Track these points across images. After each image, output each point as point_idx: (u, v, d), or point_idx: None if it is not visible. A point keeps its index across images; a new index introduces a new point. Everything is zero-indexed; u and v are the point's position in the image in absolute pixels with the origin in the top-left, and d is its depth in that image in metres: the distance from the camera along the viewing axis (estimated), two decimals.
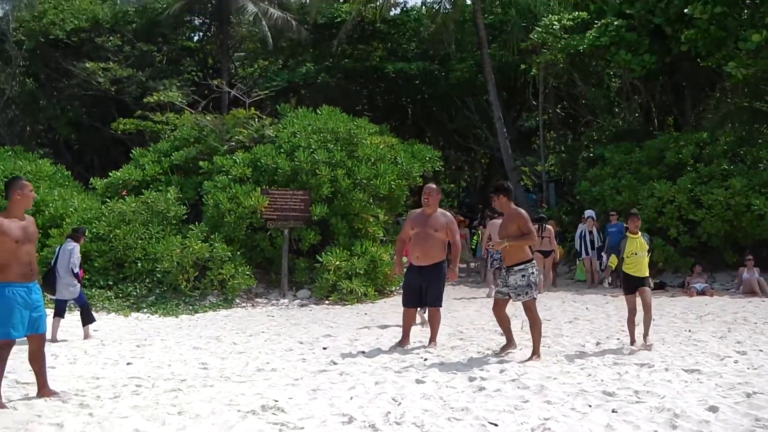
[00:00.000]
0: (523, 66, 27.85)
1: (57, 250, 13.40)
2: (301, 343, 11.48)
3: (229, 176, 19.21)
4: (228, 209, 18.22)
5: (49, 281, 12.77)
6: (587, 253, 20.63)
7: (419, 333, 11.42)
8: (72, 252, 12.91)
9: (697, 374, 8.18)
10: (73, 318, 13.71)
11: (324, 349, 10.77)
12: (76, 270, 12.93)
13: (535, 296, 9.67)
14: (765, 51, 19.05)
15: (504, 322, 10.01)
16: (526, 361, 9.35)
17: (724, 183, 19.37)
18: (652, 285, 10.85)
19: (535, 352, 9.51)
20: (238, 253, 18.07)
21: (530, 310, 9.60)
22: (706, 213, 19.17)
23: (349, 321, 14.42)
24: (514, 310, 9.72)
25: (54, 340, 12.04)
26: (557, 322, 13.29)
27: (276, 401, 7.17)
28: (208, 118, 22.66)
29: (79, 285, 13.01)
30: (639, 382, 7.91)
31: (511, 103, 33.70)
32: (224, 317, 15.65)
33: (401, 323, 11.03)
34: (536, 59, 25.52)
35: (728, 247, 19.65)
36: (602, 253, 20.38)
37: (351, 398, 7.40)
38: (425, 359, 9.55)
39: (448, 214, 11.06)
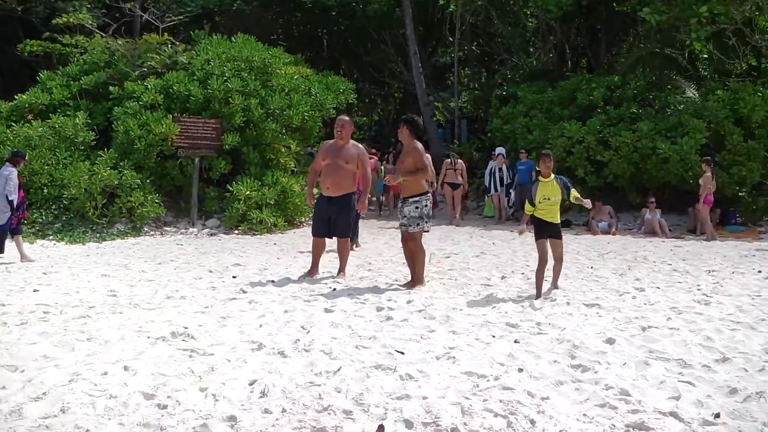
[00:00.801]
0: (441, 1, 27.87)
1: None
2: (210, 271, 11.56)
3: (140, 102, 18.92)
4: (138, 136, 17.98)
5: None
6: (496, 190, 21.01)
7: (329, 263, 11.58)
8: (8, 177, 12.69)
9: (597, 308, 8.53)
10: None
11: (233, 278, 10.87)
12: (12, 197, 12.68)
13: (426, 228, 9.98)
14: None
15: (410, 256, 10.23)
16: (410, 287, 9.77)
17: (632, 126, 19.86)
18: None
19: (419, 281, 9.93)
20: (148, 180, 17.93)
21: (416, 240, 9.93)
22: (614, 154, 19.69)
23: (258, 251, 14.51)
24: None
25: None
26: (465, 255, 13.64)
27: (186, 328, 7.28)
28: (120, 42, 22.10)
29: (8, 213, 12.70)
30: (541, 314, 8.23)
31: (428, 38, 33.69)
32: (132, 245, 15.55)
33: (311, 252, 11.18)
34: None
35: (633, 188, 20.26)
36: (510, 190, 20.83)
37: (260, 326, 7.55)
38: (334, 289, 9.76)
39: (360, 146, 11.14)
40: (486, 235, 17.61)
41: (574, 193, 9.77)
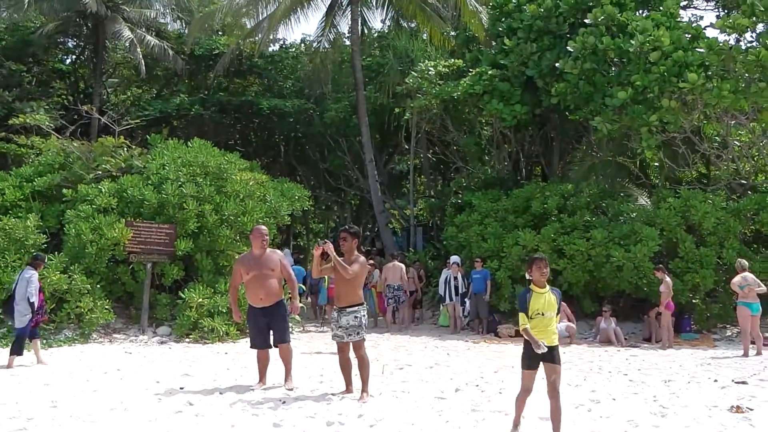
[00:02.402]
0: (397, 110, 28.29)
1: (17, 277, 13.42)
2: (158, 382, 11.24)
3: (94, 206, 18.70)
4: (90, 240, 17.71)
5: (8, 309, 13.11)
6: (451, 299, 20.84)
7: (278, 373, 11.33)
8: (29, 280, 12.94)
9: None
10: None
11: (181, 389, 10.57)
12: (33, 299, 12.90)
13: (364, 337, 9.98)
14: (629, 108, 19.85)
15: (347, 367, 10.27)
16: (359, 399, 9.64)
17: (586, 234, 19.95)
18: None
19: (365, 390, 9.87)
20: (98, 286, 17.60)
21: (360, 349, 9.93)
22: (568, 263, 19.73)
23: (208, 360, 14.18)
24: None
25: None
26: (418, 366, 13.41)
27: None
28: (75, 144, 22.07)
29: (29, 315, 12.89)
30: (496, 429, 8.09)
31: (384, 145, 34.09)
32: (80, 352, 15.13)
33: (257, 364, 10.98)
34: (410, 104, 25.90)
35: (587, 296, 20.26)
36: (465, 299, 20.75)
37: None
38: (283, 401, 9.51)
39: (279, 251, 11.22)
40: (440, 345, 17.41)
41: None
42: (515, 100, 23.25)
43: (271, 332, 10.67)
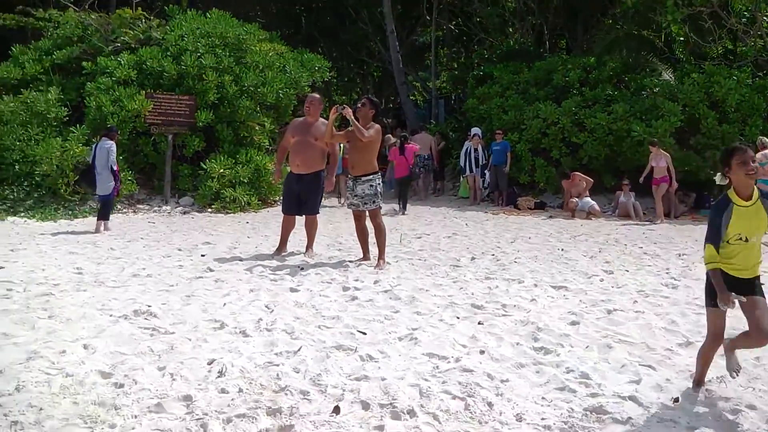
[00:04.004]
0: None
1: (93, 148, 14.29)
2: (179, 249, 11.50)
3: (113, 78, 18.76)
4: (111, 112, 17.82)
5: (88, 179, 14.09)
6: (471, 171, 20.95)
7: (298, 242, 11.52)
8: (110, 150, 13.73)
9: (564, 291, 8.50)
10: None
11: (202, 256, 10.80)
12: (115, 167, 13.80)
13: (380, 205, 10.13)
14: None
15: (363, 234, 10.44)
16: (375, 266, 9.82)
17: (607, 108, 19.82)
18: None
19: (381, 257, 10.04)
20: (121, 157, 17.74)
21: (376, 217, 10.09)
22: (589, 136, 19.68)
23: (229, 229, 14.46)
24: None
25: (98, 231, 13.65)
26: (436, 236, 13.60)
27: (149, 306, 7.21)
28: (93, 16, 21.94)
29: (112, 182, 13.94)
30: (507, 296, 8.17)
31: (406, 17, 33.49)
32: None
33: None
34: None
35: (607, 171, 20.19)
36: (485, 171, 20.79)
37: (224, 305, 7.49)
38: (301, 268, 9.70)
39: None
40: (459, 216, 17.59)
41: None
42: None
43: (301, 201, 10.76)
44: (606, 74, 21.21)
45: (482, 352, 5.91)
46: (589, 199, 18.19)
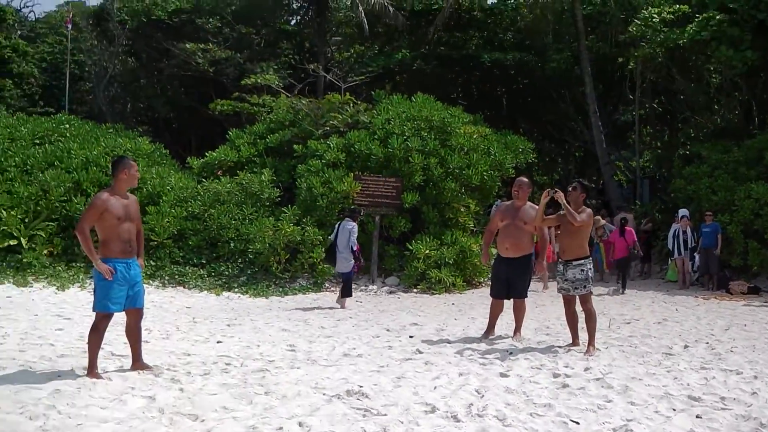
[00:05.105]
0: (620, 59, 27.36)
1: (336, 227, 15.20)
2: (388, 330, 11.55)
3: (323, 161, 19.43)
4: (320, 193, 18.41)
5: (332, 257, 15.11)
6: (680, 253, 20.08)
7: (506, 326, 11.34)
8: (351, 231, 14.72)
9: None
10: (167, 294, 14.08)
11: (410, 337, 10.79)
12: (355, 247, 14.74)
13: (591, 290, 9.87)
14: None
15: (573, 320, 10.20)
16: (585, 353, 9.48)
17: None
18: None
19: (591, 343, 9.73)
20: (329, 237, 18.25)
21: (586, 302, 9.83)
22: None
23: (436, 310, 14.43)
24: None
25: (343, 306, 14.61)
26: (646, 322, 13.03)
27: (361, 387, 7.23)
28: (304, 101, 22.93)
29: (352, 261, 14.88)
30: (725, 388, 7.67)
31: (607, 96, 33.00)
32: (313, 300, 15.87)
33: (488, 314, 11.01)
34: (634, 52, 25.11)
35: None
36: (695, 254, 19.95)
37: (435, 388, 7.40)
38: (510, 353, 9.50)
39: (537, 207, 10.99)
40: (669, 300, 16.83)
41: None
42: (746, 46, 21.81)
43: (510, 285, 10.63)
44: None
45: None
46: None
